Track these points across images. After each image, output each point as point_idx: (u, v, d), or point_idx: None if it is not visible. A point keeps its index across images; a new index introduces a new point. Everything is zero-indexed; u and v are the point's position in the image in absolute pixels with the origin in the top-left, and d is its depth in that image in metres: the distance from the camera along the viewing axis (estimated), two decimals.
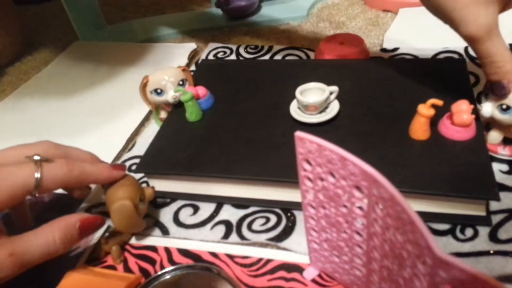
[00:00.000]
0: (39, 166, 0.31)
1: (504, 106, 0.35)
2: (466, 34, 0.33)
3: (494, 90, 0.35)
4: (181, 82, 0.46)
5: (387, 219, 0.22)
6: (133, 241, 0.38)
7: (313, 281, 0.32)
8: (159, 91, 0.45)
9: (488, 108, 0.36)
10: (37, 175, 0.30)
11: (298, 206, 0.37)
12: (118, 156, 0.48)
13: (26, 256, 0.30)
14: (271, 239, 0.35)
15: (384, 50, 0.56)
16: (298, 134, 0.24)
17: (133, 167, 0.45)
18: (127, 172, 0.37)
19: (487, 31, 0.32)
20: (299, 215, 0.37)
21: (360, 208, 0.24)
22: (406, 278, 0.22)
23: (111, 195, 0.35)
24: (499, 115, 0.36)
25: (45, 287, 0.35)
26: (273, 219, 0.37)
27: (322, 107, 0.40)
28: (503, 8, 0.33)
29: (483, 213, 0.34)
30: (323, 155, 0.24)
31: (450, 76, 0.44)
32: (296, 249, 0.34)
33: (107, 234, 0.37)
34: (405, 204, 0.19)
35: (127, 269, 0.36)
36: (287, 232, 0.36)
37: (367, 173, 0.22)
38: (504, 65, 0.34)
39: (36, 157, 0.31)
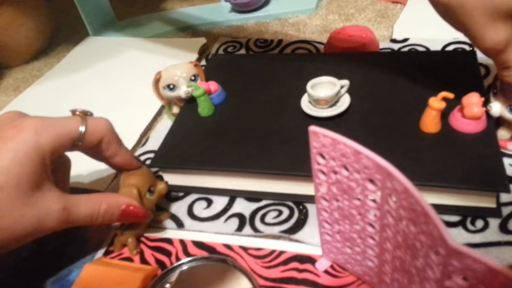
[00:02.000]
0: (84, 119, 0.33)
1: None
2: (484, 50, 0.33)
3: (505, 92, 0.35)
4: (193, 78, 0.46)
5: (400, 211, 0.22)
6: (148, 234, 0.39)
7: (326, 272, 0.33)
8: (171, 86, 0.46)
9: (497, 108, 0.36)
10: (82, 128, 0.33)
11: (310, 199, 0.38)
12: (132, 151, 0.48)
13: (74, 215, 0.32)
14: (284, 232, 0.36)
15: (394, 40, 0.56)
16: (312, 128, 0.25)
17: (147, 162, 0.46)
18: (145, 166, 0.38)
19: (505, 45, 0.32)
20: (311, 208, 0.38)
21: (373, 200, 0.25)
22: (419, 268, 0.23)
23: (122, 181, 0.37)
24: (509, 115, 0.36)
25: (64, 277, 0.36)
26: (286, 212, 0.38)
27: (333, 101, 0.41)
28: None
29: (494, 205, 0.34)
30: (337, 149, 0.24)
31: (461, 68, 0.44)
32: (308, 241, 0.35)
33: (123, 226, 0.38)
34: (418, 196, 0.20)
35: (144, 261, 0.37)
36: (300, 224, 0.36)
37: (381, 166, 0.22)
38: None
39: (78, 112, 0.35)
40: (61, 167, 0.37)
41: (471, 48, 0.51)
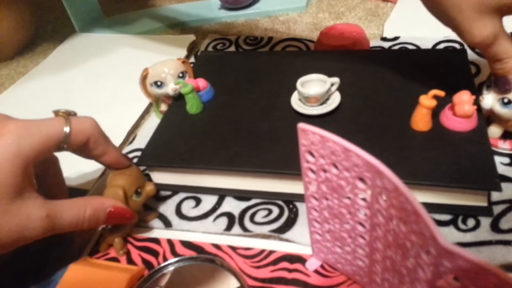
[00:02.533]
0: (68, 120, 0.32)
1: (505, 100, 0.35)
2: (473, 44, 0.34)
3: (498, 85, 0.35)
4: (181, 75, 0.45)
5: (391, 209, 0.22)
6: (135, 233, 0.38)
7: (316, 271, 0.32)
8: (159, 83, 0.45)
9: (489, 101, 0.36)
10: (66, 129, 0.31)
11: (300, 198, 0.37)
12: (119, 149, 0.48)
13: (59, 221, 0.31)
14: (274, 231, 0.35)
15: (384, 39, 0.56)
16: (301, 125, 0.24)
17: (135, 160, 0.45)
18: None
19: (493, 39, 0.33)
20: (301, 206, 0.37)
21: (363, 199, 0.24)
22: (410, 268, 0.22)
23: (109, 180, 0.36)
24: (500, 109, 0.35)
25: (48, 279, 0.35)
26: (275, 211, 0.37)
27: (323, 99, 0.40)
28: (506, 12, 0.33)
29: (485, 204, 0.34)
30: (326, 147, 0.24)
31: (451, 67, 0.43)
32: (298, 241, 0.34)
33: (109, 226, 0.37)
34: (409, 195, 0.19)
35: (130, 261, 0.36)
36: (290, 223, 0.36)
37: (371, 164, 0.22)
38: (509, 61, 0.34)
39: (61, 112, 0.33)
40: (49, 171, 0.36)
41: (461, 47, 0.51)
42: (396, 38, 0.55)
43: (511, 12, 0.32)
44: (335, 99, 0.41)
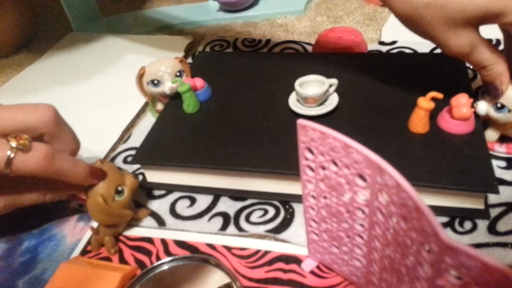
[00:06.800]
0: (14, 152, 0.29)
1: (498, 105, 0.35)
2: (451, 54, 0.34)
3: (488, 91, 0.35)
4: (178, 74, 0.45)
5: (391, 206, 0.22)
6: (128, 232, 0.37)
7: (312, 272, 0.32)
8: (156, 82, 0.44)
9: (483, 107, 0.36)
10: (10, 154, 0.29)
11: (296, 198, 0.37)
12: (113, 148, 0.47)
13: None
14: (269, 231, 0.35)
15: (382, 43, 0.56)
16: (301, 121, 0.24)
17: (129, 159, 0.45)
18: (108, 161, 0.36)
19: (470, 48, 0.33)
20: (297, 207, 0.37)
21: (363, 197, 0.24)
22: (409, 267, 0.22)
23: (88, 188, 0.34)
24: (494, 114, 0.36)
25: (38, 278, 0.35)
26: (271, 211, 0.37)
27: (321, 100, 0.40)
28: (478, 23, 0.33)
29: (482, 207, 0.34)
30: (326, 143, 0.23)
31: (449, 71, 0.44)
32: (294, 241, 0.34)
33: (100, 225, 0.36)
34: (411, 191, 0.19)
35: (123, 260, 0.35)
36: (286, 224, 0.35)
37: (371, 160, 0.21)
38: (494, 67, 0.34)
39: (13, 144, 0.29)
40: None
41: None
42: (394, 42, 0.56)
43: (484, 23, 0.32)
44: (333, 101, 0.40)
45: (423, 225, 0.19)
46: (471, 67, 0.47)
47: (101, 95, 0.55)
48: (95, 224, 0.37)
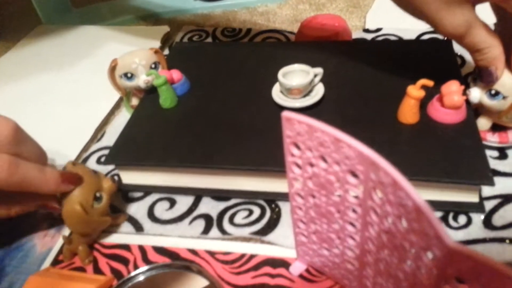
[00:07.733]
0: None
1: (493, 92, 0.34)
2: (446, 34, 0.32)
3: (482, 77, 0.34)
4: (153, 66, 0.42)
5: (386, 206, 0.20)
6: (103, 239, 0.35)
7: (301, 276, 0.30)
8: (129, 75, 0.42)
9: (476, 94, 0.35)
10: None
11: (283, 196, 0.35)
12: (85, 148, 0.44)
13: None
14: (255, 233, 0.33)
15: (367, 30, 0.54)
16: (286, 114, 0.21)
17: (102, 159, 0.42)
18: (80, 163, 0.34)
19: (465, 28, 0.31)
20: (284, 206, 0.35)
21: (355, 195, 0.22)
22: (407, 272, 0.20)
23: (63, 196, 0.31)
24: (488, 101, 0.34)
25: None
26: (257, 211, 0.35)
27: (306, 91, 0.38)
28: (476, 1, 0.31)
29: (476, 200, 0.32)
30: (314, 138, 0.21)
31: (437, 58, 0.42)
32: (281, 243, 0.32)
33: (71, 233, 0.33)
34: (410, 189, 0.17)
35: (97, 270, 0.33)
36: (272, 225, 0.33)
37: (365, 156, 0.19)
38: (489, 51, 0.32)
39: None
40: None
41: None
42: (378, 30, 0.54)
43: (481, 1, 0.31)
44: (319, 91, 0.38)
45: (424, 228, 0.17)
46: (459, 53, 0.46)
47: (73, 90, 0.52)
48: (67, 232, 0.35)
